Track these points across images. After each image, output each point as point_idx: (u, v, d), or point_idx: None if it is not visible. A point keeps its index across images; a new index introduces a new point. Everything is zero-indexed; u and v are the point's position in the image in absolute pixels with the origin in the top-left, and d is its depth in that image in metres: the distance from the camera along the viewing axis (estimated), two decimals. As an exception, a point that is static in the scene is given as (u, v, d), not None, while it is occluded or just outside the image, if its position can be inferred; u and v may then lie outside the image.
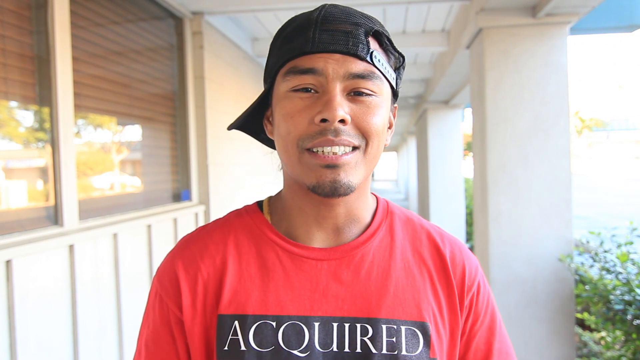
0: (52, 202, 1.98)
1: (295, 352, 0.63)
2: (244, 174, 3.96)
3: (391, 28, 3.99)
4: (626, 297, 2.34)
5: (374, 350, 0.63)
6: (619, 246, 2.64)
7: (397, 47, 0.69)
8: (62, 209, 1.98)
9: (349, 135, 0.61)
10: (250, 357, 0.63)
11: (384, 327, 0.65)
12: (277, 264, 0.68)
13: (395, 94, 0.70)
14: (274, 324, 0.64)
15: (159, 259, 2.62)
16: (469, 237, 7.04)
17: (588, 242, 3.05)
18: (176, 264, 0.69)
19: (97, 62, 2.32)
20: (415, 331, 0.65)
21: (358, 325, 0.65)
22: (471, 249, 5.28)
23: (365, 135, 0.63)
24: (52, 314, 1.83)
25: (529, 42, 2.76)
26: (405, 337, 0.65)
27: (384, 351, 0.64)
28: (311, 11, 0.66)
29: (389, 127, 0.71)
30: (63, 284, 1.90)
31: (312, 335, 0.64)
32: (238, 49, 3.93)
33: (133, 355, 0.72)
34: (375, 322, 0.65)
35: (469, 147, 13.17)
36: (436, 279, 0.70)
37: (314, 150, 0.62)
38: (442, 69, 4.75)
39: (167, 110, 3.03)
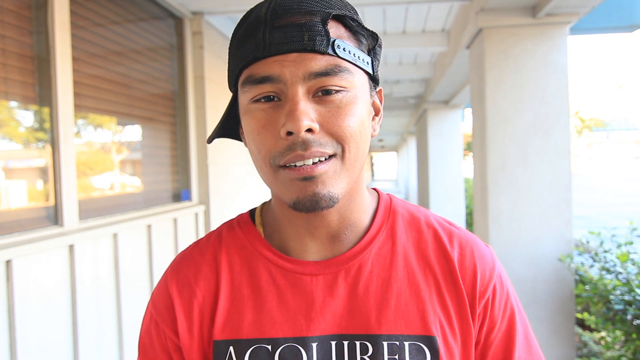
0: (52, 202, 1.98)
1: None
2: (244, 174, 3.96)
3: (391, 28, 3.99)
4: (626, 297, 2.34)
5: None
6: (619, 246, 2.64)
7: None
8: (62, 209, 1.98)
9: (320, 144, 0.55)
10: None
11: (384, 344, 0.60)
12: (270, 283, 0.63)
13: (374, 78, 0.63)
14: (269, 347, 0.60)
15: (159, 259, 2.62)
16: (469, 237, 7.04)
17: (588, 242, 3.05)
18: (171, 288, 0.66)
19: (97, 62, 2.32)
20: (420, 346, 0.60)
21: (357, 343, 0.60)
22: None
23: (339, 140, 0.56)
24: (52, 314, 1.83)
25: (529, 42, 2.76)
26: (410, 354, 0.59)
27: None
28: (262, 4, 0.58)
29: (376, 114, 0.65)
30: (63, 284, 1.90)
31: (310, 357, 0.60)
32: (238, 49, 3.92)
33: None
34: (375, 339, 0.60)
35: (469, 147, 13.17)
36: (443, 286, 0.63)
37: (287, 165, 0.57)
38: (442, 69, 4.75)
39: (167, 110, 3.03)
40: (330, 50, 0.55)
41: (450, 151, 7.19)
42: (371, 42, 0.61)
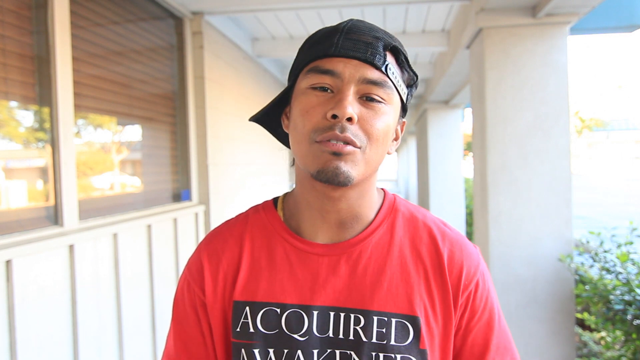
0: (52, 202, 1.98)
1: (295, 336, 0.71)
2: (244, 174, 3.96)
3: (391, 28, 3.99)
4: (626, 297, 2.34)
5: (364, 339, 0.70)
6: (619, 246, 2.64)
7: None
8: (62, 209, 1.98)
9: (353, 134, 0.66)
10: (257, 338, 0.72)
11: (375, 318, 0.70)
12: (284, 258, 0.75)
13: (404, 108, 0.76)
14: (278, 310, 0.72)
15: (159, 259, 2.62)
16: (469, 237, 7.04)
17: (588, 242, 3.05)
18: (202, 255, 0.79)
19: (97, 62, 2.32)
20: (405, 324, 0.71)
21: (352, 315, 0.71)
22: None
23: (367, 136, 0.68)
24: (52, 314, 1.83)
25: (529, 42, 2.76)
26: (395, 329, 0.70)
27: (374, 340, 0.70)
28: (339, 22, 0.73)
29: (395, 139, 0.76)
30: (63, 284, 1.90)
31: (311, 322, 0.71)
32: (238, 49, 3.93)
33: (167, 335, 0.82)
34: (367, 314, 0.71)
35: (469, 147, 13.17)
36: (431, 276, 0.74)
37: (322, 141, 0.68)
38: (442, 69, 4.74)
39: (167, 110, 3.03)
40: (383, 68, 0.68)
41: (450, 151, 7.18)
42: (411, 80, 0.75)
